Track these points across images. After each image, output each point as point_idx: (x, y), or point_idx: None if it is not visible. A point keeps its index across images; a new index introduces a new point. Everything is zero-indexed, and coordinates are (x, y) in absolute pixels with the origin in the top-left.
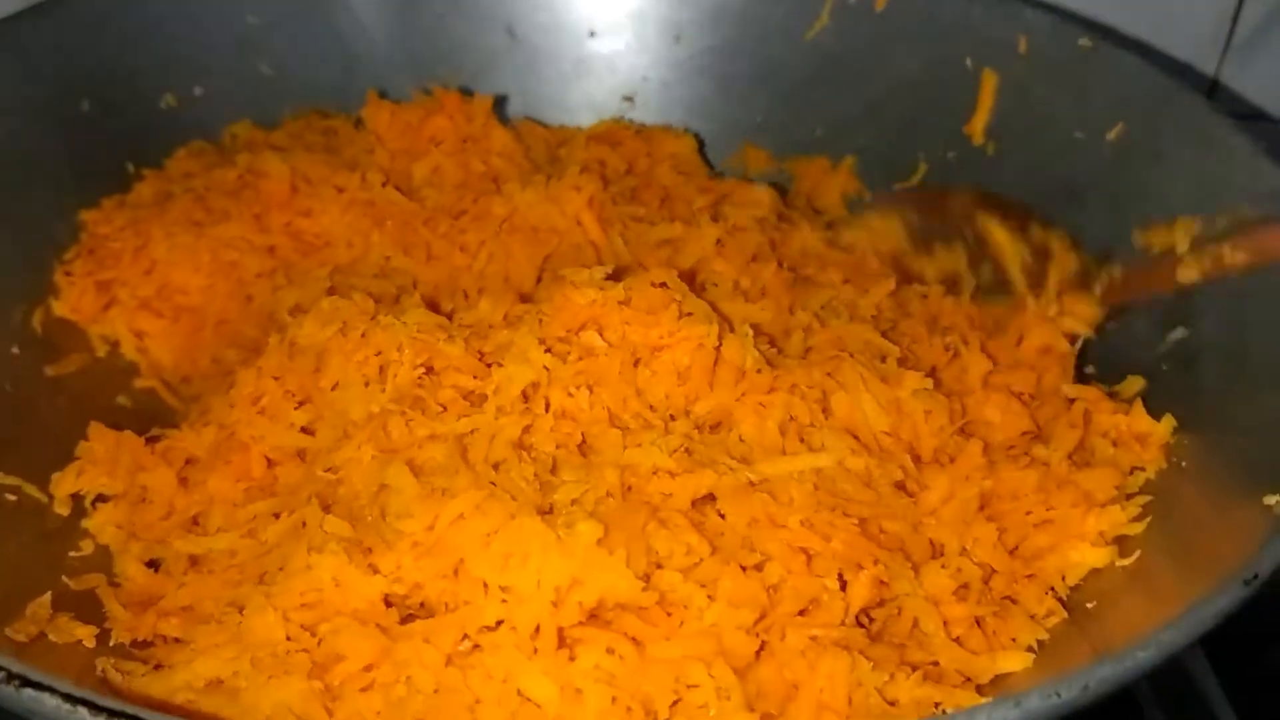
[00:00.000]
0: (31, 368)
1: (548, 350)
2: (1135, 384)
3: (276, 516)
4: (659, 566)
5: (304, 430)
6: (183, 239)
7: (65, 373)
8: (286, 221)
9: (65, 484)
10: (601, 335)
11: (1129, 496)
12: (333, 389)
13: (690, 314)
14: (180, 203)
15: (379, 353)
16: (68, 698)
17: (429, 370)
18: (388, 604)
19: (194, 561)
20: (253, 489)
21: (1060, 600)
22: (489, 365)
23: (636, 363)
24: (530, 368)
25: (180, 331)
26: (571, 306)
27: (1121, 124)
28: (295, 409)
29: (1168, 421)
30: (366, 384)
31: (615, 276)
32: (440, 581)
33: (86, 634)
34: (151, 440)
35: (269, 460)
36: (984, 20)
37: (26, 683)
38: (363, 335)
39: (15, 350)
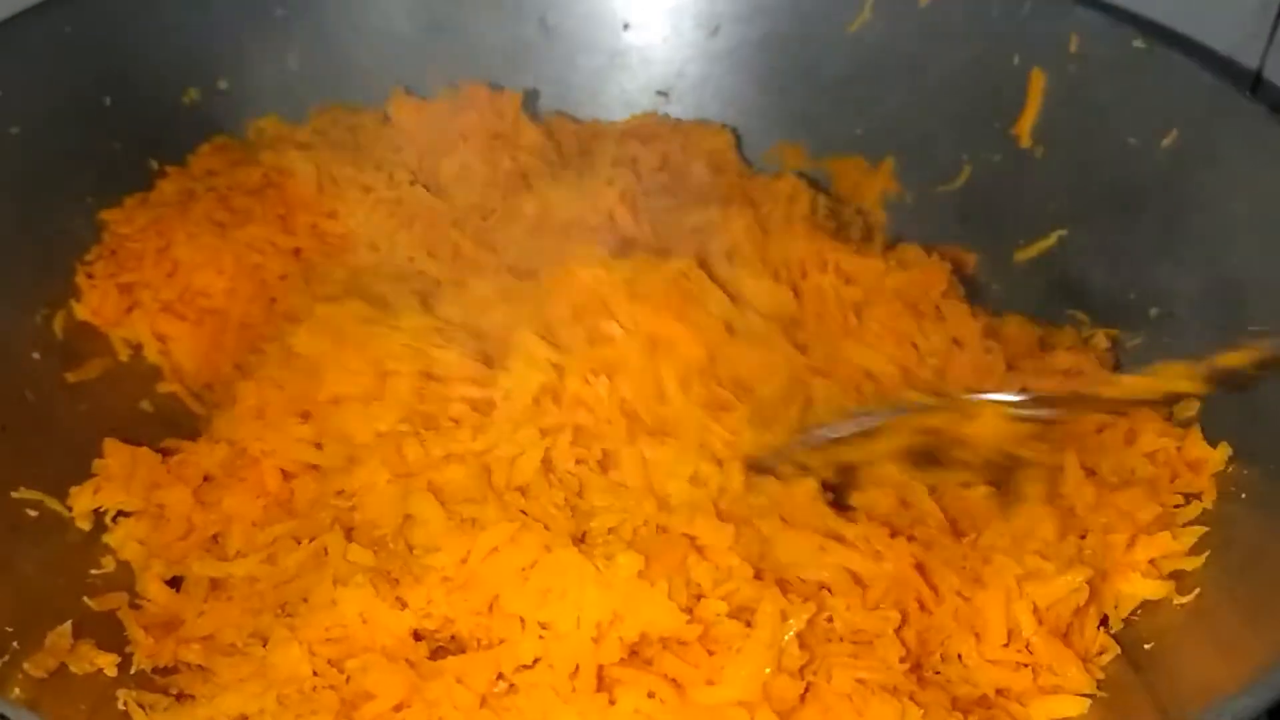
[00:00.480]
0: (52, 374)
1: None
2: (1191, 406)
3: (298, 542)
4: (699, 598)
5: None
6: (206, 240)
7: (87, 378)
8: (312, 223)
9: (83, 500)
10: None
11: (1185, 525)
12: (334, 404)
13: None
14: (203, 203)
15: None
16: None
17: (430, 378)
18: (417, 637)
19: (215, 584)
20: (271, 505)
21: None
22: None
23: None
24: (537, 370)
25: (203, 335)
26: (575, 284)
27: (1176, 130)
28: (301, 422)
29: (1223, 449)
30: (367, 403)
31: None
32: (474, 618)
33: (108, 662)
34: (169, 454)
35: (284, 473)
36: (1033, 17)
37: None
38: (359, 345)
39: (36, 356)
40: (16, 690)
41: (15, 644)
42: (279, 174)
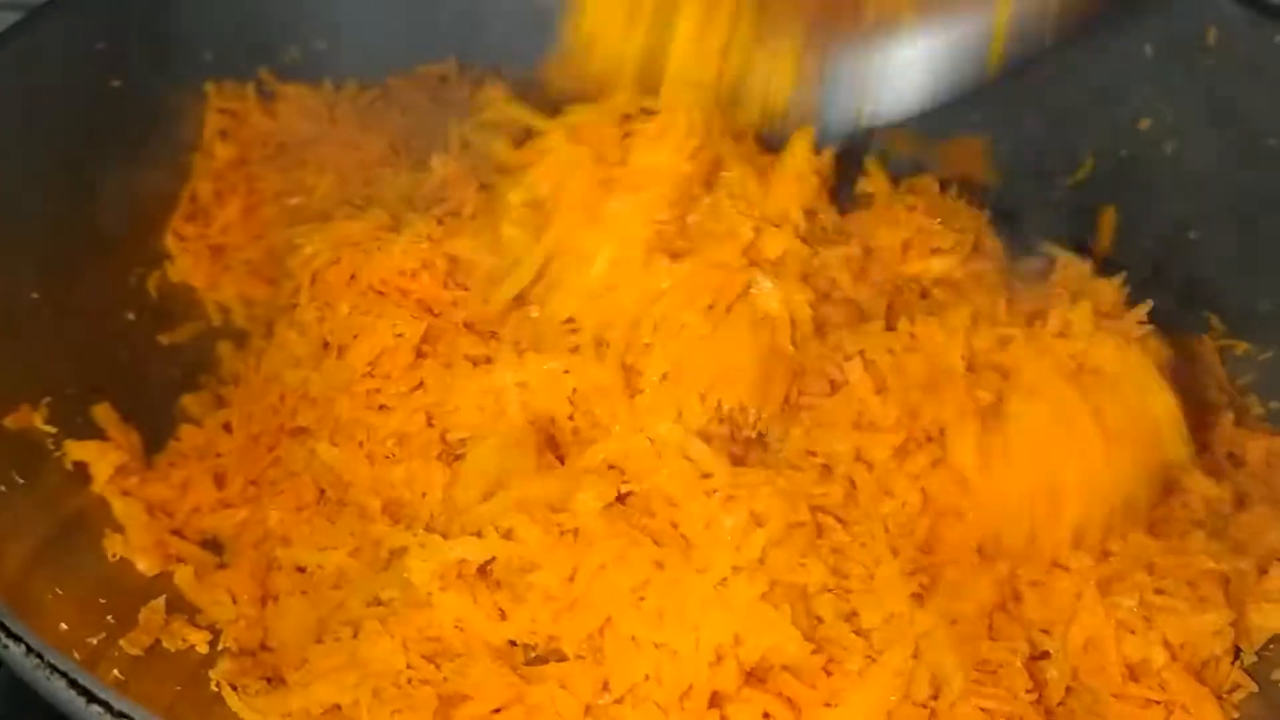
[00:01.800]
0: (146, 335)
1: None
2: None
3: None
4: (820, 620)
5: None
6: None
7: (179, 341)
8: None
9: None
10: None
11: None
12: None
13: None
14: None
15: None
16: None
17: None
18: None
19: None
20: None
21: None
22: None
23: None
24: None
25: None
26: None
27: None
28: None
29: None
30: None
31: None
32: (582, 639)
33: (200, 639)
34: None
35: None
36: (1168, 5)
37: None
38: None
39: (130, 316)
40: (115, 671)
41: (110, 618)
42: None
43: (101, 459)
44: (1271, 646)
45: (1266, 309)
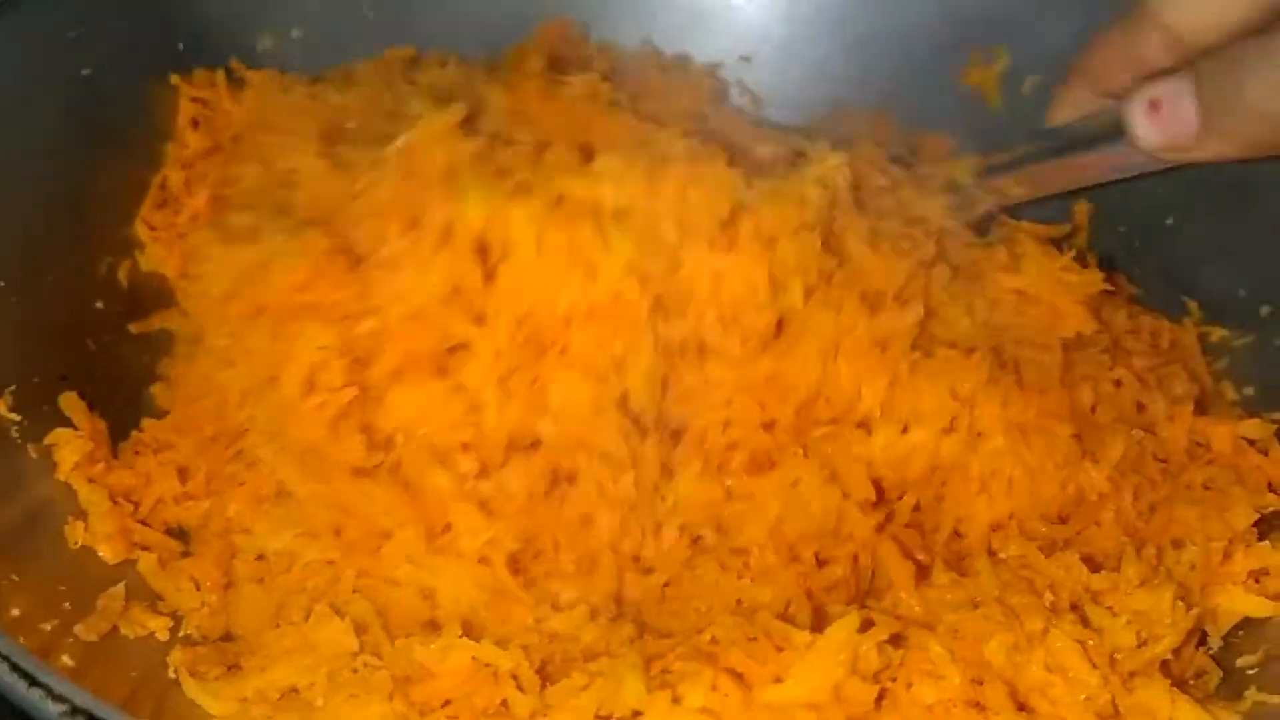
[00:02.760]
0: (115, 324)
1: None
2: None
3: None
4: None
5: None
6: None
7: (149, 330)
8: None
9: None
10: None
11: None
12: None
13: None
14: None
15: None
16: None
17: None
18: None
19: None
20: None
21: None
22: None
23: None
24: None
25: None
26: None
27: None
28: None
29: None
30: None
31: None
32: None
33: (160, 626)
34: None
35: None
36: None
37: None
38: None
39: (99, 305)
40: (65, 657)
41: (67, 604)
42: None
43: (66, 446)
44: (1240, 633)
45: (1243, 294)
